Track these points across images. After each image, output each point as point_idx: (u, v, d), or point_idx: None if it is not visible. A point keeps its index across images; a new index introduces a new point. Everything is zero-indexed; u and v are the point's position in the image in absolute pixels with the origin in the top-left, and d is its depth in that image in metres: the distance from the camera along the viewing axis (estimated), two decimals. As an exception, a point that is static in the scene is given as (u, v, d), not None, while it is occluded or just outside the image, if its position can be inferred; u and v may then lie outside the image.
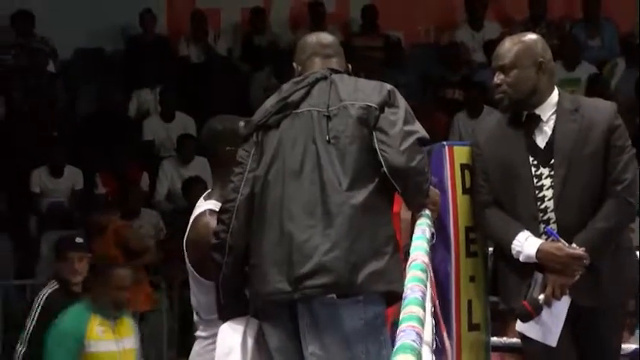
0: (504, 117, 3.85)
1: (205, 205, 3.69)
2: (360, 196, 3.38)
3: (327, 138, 3.42)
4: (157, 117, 9.42)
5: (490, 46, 8.28)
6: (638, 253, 4.04)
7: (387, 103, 3.46)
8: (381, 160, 3.39)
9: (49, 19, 9.73)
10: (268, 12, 10.34)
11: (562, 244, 3.67)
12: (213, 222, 3.56)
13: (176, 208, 8.71)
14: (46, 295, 6.06)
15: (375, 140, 3.41)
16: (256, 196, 3.45)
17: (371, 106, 3.44)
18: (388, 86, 3.50)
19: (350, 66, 3.67)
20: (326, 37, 3.68)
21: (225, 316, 3.54)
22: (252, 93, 9.63)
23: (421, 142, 3.44)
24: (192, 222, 3.70)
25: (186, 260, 3.71)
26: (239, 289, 3.50)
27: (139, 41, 10.02)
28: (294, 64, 3.66)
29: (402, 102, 3.48)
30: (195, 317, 3.75)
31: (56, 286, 6.12)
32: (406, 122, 3.43)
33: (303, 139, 3.45)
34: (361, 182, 3.40)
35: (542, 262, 3.69)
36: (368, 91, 3.48)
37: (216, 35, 10.24)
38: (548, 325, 3.71)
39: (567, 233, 3.68)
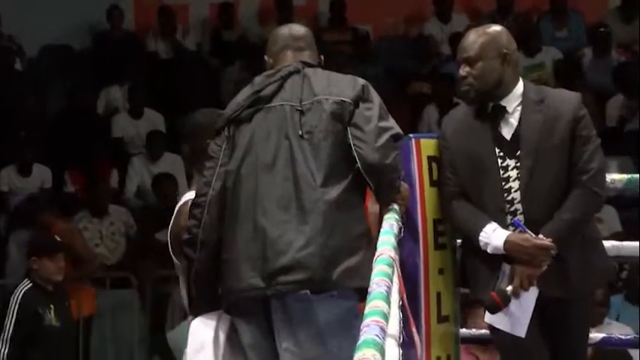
0: (471, 109, 3.85)
1: (188, 195, 3.69)
2: (334, 192, 3.38)
3: (301, 133, 3.42)
4: (126, 114, 9.38)
5: (456, 39, 8.31)
6: (610, 243, 4.06)
7: (361, 98, 3.45)
8: (356, 157, 3.39)
9: (14, 17, 9.66)
10: (237, 6, 10.32)
11: (529, 235, 3.68)
12: None
13: (146, 204, 8.68)
14: (22, 293, 6.03)
15: (350, 136, 3.41)
16: (228, 191, 3.45)
17: (345, 101, 3.44)
18: (362, 81, 3.50)
19: (322, 57, 3.66)
20: (298, 29, 3.66)
21: (197, 311, 3.52)
22: (223, 88, 9.61)
23: (395, 138, 3.44)
24: (175, 214, 3.69)
25: (171, 253, 3.69)
26: (211, 284, 3.49)
27: (107, 38, 9.98)
28: (266, 57, 3.64)
29: (375, 97, 3.48)
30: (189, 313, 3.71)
31: (29, 285, 6.09)
32: (381, 118, 3.43)
33: (276, 134, 3.44)
34: (335, 178, 3.40)
35: (509, 254, 3.70)
36: (342, 86, 3.47)
37: (185, 31, 10.21)
38: (517, 316, 3.71)
39: (534, 224, 3.69)
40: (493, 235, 3.71)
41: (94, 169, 8.76)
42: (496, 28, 3.86)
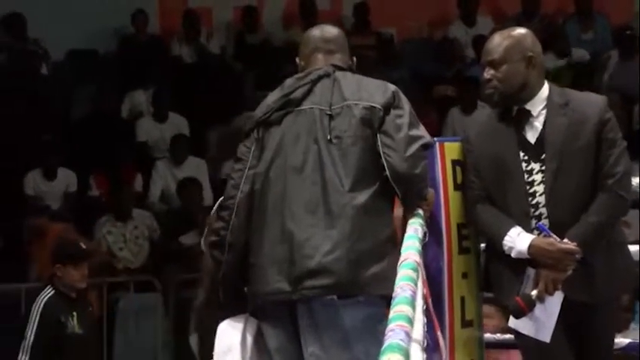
0: (495, 112, 3.84)
1: None
2: (361, 197, 3.38)
3: (329, 137, 3.42)
4: (150, 118, 9.41)
5: (479, 41, 8.28)
6: (635, 247, 4.03)
7: (392, 104, 3.45)
8: (385, 165, 3.39)
9: (41, 21, 9.71)
10: (261, 10, 10.33)
11: (554, 239, 3.65)
12: None
13: (170, 208, 8.70)
14: (44, 302, 6.02)
15: (380, 143, 3.41)
16: (256, 194, 3.45)
17: (375, 107, 3.43)
18: (392, 87, 3.49)
19: (355, 59, 3.64)
20: (329, 31, 3.64)
21: (224, 313, 3.53)
22: (246, 91, 9.61)
23: (425, 147, 3.44)
24: None
25: None
26: (238, 286, 3.50)
27: (132, 42, 10.01)
28: (297, 59, 3.64)
29: (406, 104, 3.47)
30: None
31: (52, 292, 6.08)
32: (411, 126, 3.43)
33: (305, 137, 3.44)
34: (363, 183, 3.39)
35: (534, 258, 3.67)
36: (372, 91, 3.47)
37: (209, 34, 10.23)
38: (542, 321, 3.69)
39: (559, 228, 3.66)
40: (517, 239, 3.68)
41: (118, 173, 8.79)
42: (521, 30, 3.84)
